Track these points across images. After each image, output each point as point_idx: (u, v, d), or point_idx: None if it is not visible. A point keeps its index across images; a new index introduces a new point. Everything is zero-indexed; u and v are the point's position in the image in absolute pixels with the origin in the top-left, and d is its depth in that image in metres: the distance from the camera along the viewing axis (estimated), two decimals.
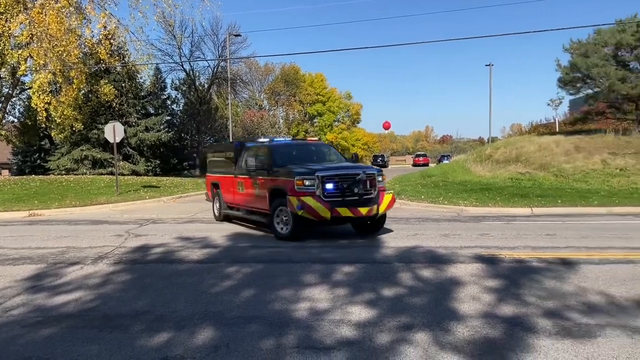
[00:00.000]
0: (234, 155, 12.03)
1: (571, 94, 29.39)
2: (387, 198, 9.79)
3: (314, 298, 5.65)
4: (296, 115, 69.77)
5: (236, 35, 41.95)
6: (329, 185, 9.24)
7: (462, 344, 4.21)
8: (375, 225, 10.24)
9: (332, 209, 9.00)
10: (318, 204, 9.02)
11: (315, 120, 73.72)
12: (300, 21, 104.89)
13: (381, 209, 9.62)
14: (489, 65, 49.66)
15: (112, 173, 31.30)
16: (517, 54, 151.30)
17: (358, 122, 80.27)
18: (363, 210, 9.19)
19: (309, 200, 9.05)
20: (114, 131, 19.25)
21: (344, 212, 9.09)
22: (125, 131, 23.39)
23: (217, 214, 13.15)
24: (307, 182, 9.19)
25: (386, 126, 72.60)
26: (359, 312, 5.10)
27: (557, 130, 36.08)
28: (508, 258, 7.60)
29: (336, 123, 75.56)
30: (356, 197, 9.33)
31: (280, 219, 9.78)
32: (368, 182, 9.50)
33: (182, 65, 42.76)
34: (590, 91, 27.46)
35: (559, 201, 14.96)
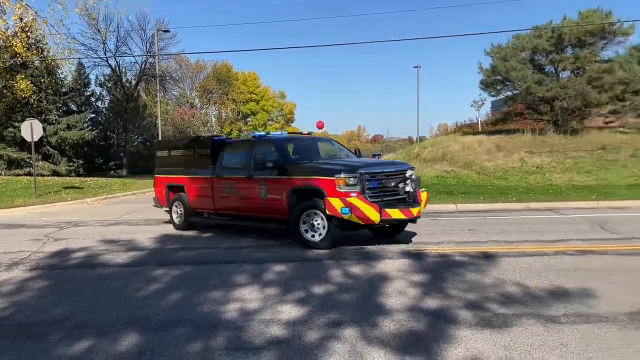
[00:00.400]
0: (211, 152, 10.34)
1: (492, 96, 30.95)
2: (424, 196, 8.91)
3: (244, 298, 5.60)
4: (229, 114, 68.81)
5: (165, 31, 40.77)
6: (373, 184, 8.22)
7: (388, 338, 4.32)
8: (398, 228, 9.30)
9: (381, 211, 7.95)
10: (367, 206, 7.88)
11: (248, 119, 73.06)
12: (232, 18, 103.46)
13: (422, 209, 8.79)
14: (417, 67, 51.28)
15: (30, 174, 29.48)
16: (444, 56, 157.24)
17: (292, 122, 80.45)
18: (414, 211, 8.28)
19: (356, 201, 7.88)
20: (31, 129, 18.17)
21: (395, 213, 8.07)
22: (44, 129, 22.11)
23: (177, 222, 11.10)
24: (350, 181, 8.01)
25: (320, 125, 72.89)
26: (289, 311, 5.11)
27: (480, 130, 37.84)
28: (433, 253, 7.88)
29: (270, 122, 75.26)
30: (404, 197, 8.47)
31: (309, 225, 8.43)
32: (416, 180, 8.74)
33: (107, 61, 41.00)
34: (509, 93, 29.03)
35: (481, 197, 15.71)
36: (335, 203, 7.95)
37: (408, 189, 8.40)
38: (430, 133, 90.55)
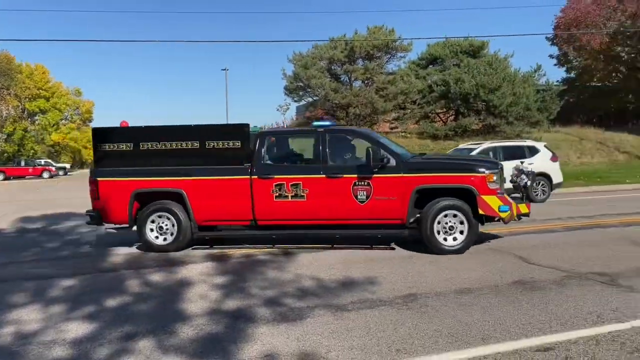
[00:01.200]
0: (244, 145, 8.12)
1: (295, 101, 32.61)
2: None
3: (21, 320, 4.96)
4: (11, 112, 60.17)
5: None
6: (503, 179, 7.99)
7: (185, 344, 4.25)
8: None
9: (517, 207, 7.72)
10: (513, 202, 7.67)
11: (36, 118, 64.90)
12: (12, 2, 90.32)
13: None
14: (225, 69, 51.48)
15: None
16: (252, 61, 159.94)
17: (90, 121, 73.63)
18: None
19: (509, 198, 7.65)
20: None
21: (523, 208, 7.86)
22: None
23: (159, 242, 8.21)
24: (495, 177, 7.46)
25: (124, 126, 68.40)
26: (77, 329, 4.68)
27: None
28: (237, 254, 7.97)
29: (64, 122, 67.91)
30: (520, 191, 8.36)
31: (446, 228, 7.50)
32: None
33: None
34: (310, 99, 30.89)
35: None
36: (492, 201, 7.40)
37: (529, 183, 8.38)
38: None
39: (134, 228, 8.32)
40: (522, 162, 9.02)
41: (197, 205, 8.11)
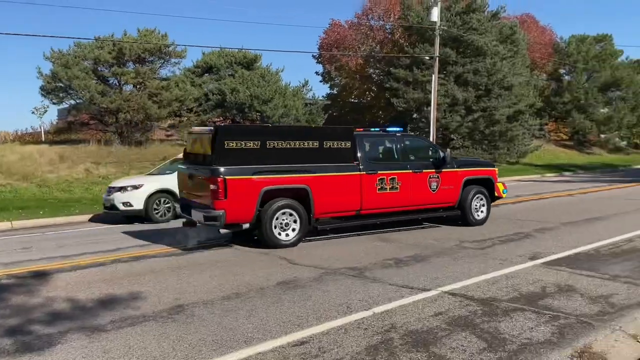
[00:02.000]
0: (352, 145, 9.20)
1: (55, 104, 29.15)
2: None
3: None
4: None
5: None
6: None
7: None
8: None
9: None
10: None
11: None
12: None
13: None
14: None
15: None
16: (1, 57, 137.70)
17: None
18: None
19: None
20: None
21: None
22: None
23: (287, 238, 8.50)
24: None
25: None
26: None
27: (43, 139, 35.11)
28: None
29: None
30: None
31: (476, 206, 10.39)
32: None
33: None
34: (73, 102, 28.02)
35: (41, 212, 14.51)
36: (500, 186, 10.83)
37: None
38: None
39: (245, 227, 8.39)
40: None
41: (318, 199, 8.75)
